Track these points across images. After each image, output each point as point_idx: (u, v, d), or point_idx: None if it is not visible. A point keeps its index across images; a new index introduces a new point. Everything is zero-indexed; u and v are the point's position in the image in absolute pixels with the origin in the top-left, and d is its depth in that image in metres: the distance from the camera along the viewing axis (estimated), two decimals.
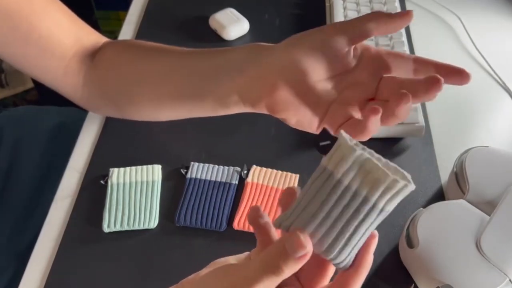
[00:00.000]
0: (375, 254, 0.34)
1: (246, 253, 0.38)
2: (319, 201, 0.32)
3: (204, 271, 0.36)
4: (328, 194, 0.32)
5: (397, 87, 0.42)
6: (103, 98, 0.61)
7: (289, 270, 0.31)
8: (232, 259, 0.37)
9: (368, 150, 0.33)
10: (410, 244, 0.52)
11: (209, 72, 0.49)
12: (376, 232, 0.34)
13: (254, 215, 0.36)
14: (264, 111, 0.46)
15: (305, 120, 0.44)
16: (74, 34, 0.58)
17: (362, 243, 0.33)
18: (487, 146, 0.60)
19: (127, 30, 0.81)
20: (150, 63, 0.55)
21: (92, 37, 0.60)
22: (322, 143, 0.33)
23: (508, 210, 0.52)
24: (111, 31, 1.55)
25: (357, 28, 0.43)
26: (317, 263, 0.35)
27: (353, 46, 0.44)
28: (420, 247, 0.50)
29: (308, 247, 0.31)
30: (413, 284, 0.52)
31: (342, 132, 0.32)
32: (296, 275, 0.36)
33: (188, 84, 0.51)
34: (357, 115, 0.42)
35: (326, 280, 0.36)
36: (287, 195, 0.35)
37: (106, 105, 0.62)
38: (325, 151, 0.33)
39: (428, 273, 0.49)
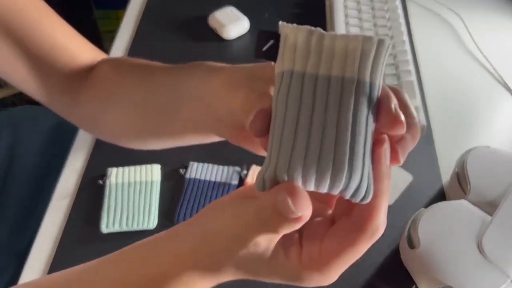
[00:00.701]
0: (375, 254, 0.33)
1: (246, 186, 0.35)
2: (292, 121, 0.25)
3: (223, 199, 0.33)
4: (300, 104, 0.24)
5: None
6: (91, 119, 0.57)
7: (286, 230, 0.28)
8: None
9: (318, 29, 0.25)
10: (411, 244, 0.52)
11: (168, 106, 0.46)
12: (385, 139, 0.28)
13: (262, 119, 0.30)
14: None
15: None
16: (71, 53, 0.55)
17: (371, 144, 0.26)
18: (489, 146, 0.59)
19: (126, 30, 0.81)
20: (131, 90, 0.51)
21: (90, 55, 0.56)
22: (265, 47, 0.28)
23: (510, 210, 0.51)
24: (111, 31, 1.54)
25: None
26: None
27: None
28: (421, 247, 0.50)
29: (300, 211, 0.27)
30: (414, 285, 0.52)
31: (282, 23, 0.26)
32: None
33: (156, 114, 0.48)
34: None
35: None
36: (259, 119, 0.29)
37: (94, 128, 0.59)
38: (273, 56, 0.27)
39: (429, 273, 0.49)
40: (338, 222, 0.30)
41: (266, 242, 0.30)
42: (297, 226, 0.28)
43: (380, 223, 0.28)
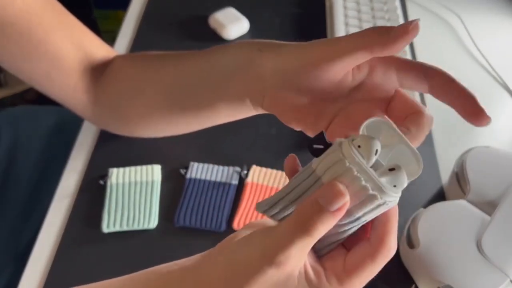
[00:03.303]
0: None
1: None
2: (289, 188, 0.32)
3: (241, 233, 0.35)
4: (299, 184, 0.32)
5: (409, 107, 0.38)
6: (112, 115, 0.60)
7: (324, 226, 0.30)
8: (270, 221, 0.35)
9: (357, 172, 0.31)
10: (411, 244, 0.52)
11: (203, 80, 0.48)
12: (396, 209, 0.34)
13: (292, 164, 0.35)
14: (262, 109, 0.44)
15: (305, 126, 0.42)
16: (83, 50, 0.56)
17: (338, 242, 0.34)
18: (488, 146, 0.60)
19: (126, 30, 0.81)
20: (150, 76, 0.54)
21: (102, 51, 0.58)
22: (315, 145, 0.32)
23: (509, 210, 0.52)
24: (110, 31, 1.54)
25: (353, 54, 0.37)
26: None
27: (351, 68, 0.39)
28: (421, 247, 0.50)
29: (347, 197, 0.30)
30: (413, 285, 0.52)
31: (337, 140, 0.31)
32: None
33: (187, 96, 0.50)
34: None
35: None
36: (290, 165, 0.35)
37: (116, 123, 0.61)
38: (317, 154, 0.32)
39: (429, 273, 0.49)
40: (357, 245, 0.34)
41: (296, 259, 0.31)
42: (335, 219, 0.31)
43: (392, 243, 0.33)
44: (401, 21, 0.77)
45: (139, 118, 0.57)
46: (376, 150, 0.31)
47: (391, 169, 0.31)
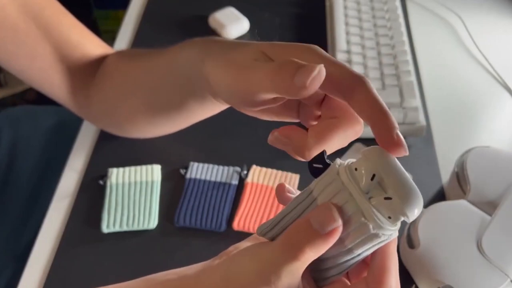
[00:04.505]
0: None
1: None
2: (286, 211, 0.31)
3: (242, 245, 0.34)
4: (295, 207, 0.31)
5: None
6: (106, 114, 0.60)
7: (313, 251, 0.29)
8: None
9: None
10: (411, 244, 0.52)
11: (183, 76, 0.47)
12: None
13: (281, 192, 0.33)
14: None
15: (273, 117, 0.40)
16: (82, 50, 0.56)
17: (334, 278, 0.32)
18: (488, 146, 0.60)
19: (126, 30, 0.81)
20: (131, 79, 0.54)
21: (101, 51, 0.58)
22: (315, 165, 0.32)
23: (510, 210, 0.51)
24: (110, 31, 1.54)
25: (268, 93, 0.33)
26: None
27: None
28: (421, 247, 0.50)
29: (339, 221, 0.28)
30: (414, 285, 0.52)
31: (336, 160, 0.30)
32: None
33: (161, 96, 0.50)
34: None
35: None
36: (281, 192, 0.34)
37: (110, 123, 0.61)
38: (316, 174, 0.31)
39: (429, 273, 0.49)
40: (352, 285, 0.31)
41: (288, 280, 0.29)
42: (328, 244, 0.29)
43: (391, 285, 0.30)
44: (401, 21, 0.77)
45: (125, 120, 0.57)
46: (373, 176, 0.29)
47: (387, 198, 0.29)
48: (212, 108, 0.47)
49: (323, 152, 0.31)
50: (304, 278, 0.32)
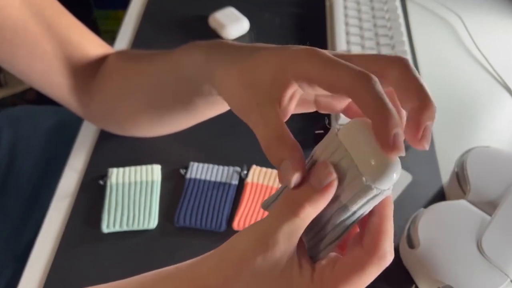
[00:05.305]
0: None
1: None
2: None
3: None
4: None
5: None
6: (106, 114, 0.60)
7: (311, 207, 0.29)
8: None
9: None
10: (411, 244, 0.52)
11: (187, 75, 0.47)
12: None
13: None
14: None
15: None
16: (82, 50, 0.56)
17: (334, 244, 0.32)
18: (488, 146, 0.60)
19: (126, 30, 0.81)
20: (133, 78, 0.54)
21: (101, 51, 0.58)
22: (317, 131, 0.33)
23: (510, 210, 0.51)
24: (110, 31, 1.54)
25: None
26: None
27: None
28: (421, 247, 0.50)
29: (334, 174, 0.29)
30: (413, 285, 0.52)
31: (336, 125, 0.31)
32: None
33: (167, 94, 0.51)
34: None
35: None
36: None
37: (110, 123, 0.61)
38: (317, 140, 0.32)
39: (429, 273, 0.49)
40: (349, 249, 0.31)
41: (285, 245, 0.30)
42: (325, 199, 0.29)
43: (387, 248, 0.30)
44: (401, 21, 0.77)
45: (126, 119, 0.57)
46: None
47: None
48: (221, 107, 0.48)
49: (325, 120, 0.32)
50: (301, 254, 0.32)
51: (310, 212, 0.30)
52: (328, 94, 0.34)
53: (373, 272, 0.30)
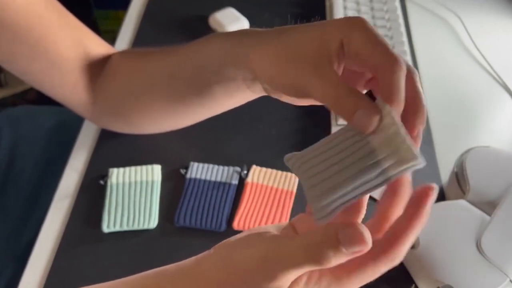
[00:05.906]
0: None
1: (285, 222, 0.36)
2: (334, 148, 0.32)
3: (240, 235, 0.34)
4: (346, 146, 0.32)
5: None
6: (112, 113, 0.60)
7: (337, 261, 0.29)
8: (272, 228, 0.35)
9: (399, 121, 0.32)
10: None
11: (204, 63, 0.48)
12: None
13: None
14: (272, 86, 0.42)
15: None
16: (83, 49, 0.56)
17: (349, 204, 0.32)
18: (488, 146, 0.60)
19: (126, 30, 0.81)
20: (148, 71, 0.54)
21: (102, 50, 0.58)
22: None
23: (509, 210, 0.52)
24: (110, 31, 1.54)
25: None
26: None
27: None
28: (421, 247, 0.50)
29: (369, 243, 0.29)
30: (413, 285, 0.52)
31: (379, 98, 0.32)
32: None
33: (185, 85, 0.51)
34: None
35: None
36: None
37: (117, 121, 0.61)
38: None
39: (429, 273, 0.49)
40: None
41: (292, 278, 0.30)
42: (348, 257, 0.29)
43: (402, 253, 0.31)
44: (401, 21, 0.77)
45: (142, 114, 0.57)
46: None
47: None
48: (240, 98, 0.48)
49: (368, 93, 0.33)
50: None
51: (333, 264, 0.29)
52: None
53: (382, 268, 0.31)
